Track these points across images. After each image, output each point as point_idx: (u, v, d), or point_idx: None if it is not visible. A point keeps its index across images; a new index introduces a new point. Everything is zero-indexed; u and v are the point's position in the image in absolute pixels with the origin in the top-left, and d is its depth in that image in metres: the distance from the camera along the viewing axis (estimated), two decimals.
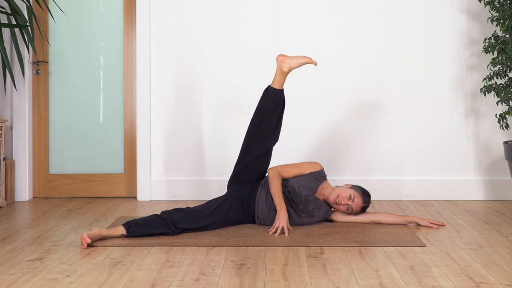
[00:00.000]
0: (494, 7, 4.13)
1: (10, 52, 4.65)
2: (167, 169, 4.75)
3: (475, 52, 4.64)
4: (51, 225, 3.84)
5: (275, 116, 3.71)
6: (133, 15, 4.78)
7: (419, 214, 4.09)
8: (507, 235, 3.49)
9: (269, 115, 3.70)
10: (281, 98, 3.70)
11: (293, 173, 3.80)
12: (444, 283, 2.63)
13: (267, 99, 3.69)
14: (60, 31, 4.83)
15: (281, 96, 3.70)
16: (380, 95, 4.69)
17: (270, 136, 3.75)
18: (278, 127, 3.77)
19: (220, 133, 4.73)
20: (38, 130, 4.83)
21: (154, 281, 2.68)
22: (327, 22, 4.68)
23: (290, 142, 4.68)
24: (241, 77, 4.71)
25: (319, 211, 3.75)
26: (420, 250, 3.16)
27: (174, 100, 4.73)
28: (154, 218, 3.49)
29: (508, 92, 4.10)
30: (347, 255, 3.09)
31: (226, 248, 3.24)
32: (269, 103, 3.69)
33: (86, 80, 4.85)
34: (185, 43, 4.71)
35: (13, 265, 2.93)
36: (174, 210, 3.57)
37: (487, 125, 4.66)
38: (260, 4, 4.69)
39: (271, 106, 3.69)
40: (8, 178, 4.58)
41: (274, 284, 2.63)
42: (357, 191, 3.74)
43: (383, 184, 4.66)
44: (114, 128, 4.85)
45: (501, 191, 4.63)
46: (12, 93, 4.71)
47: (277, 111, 3.70)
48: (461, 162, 4.68)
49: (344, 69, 4.69)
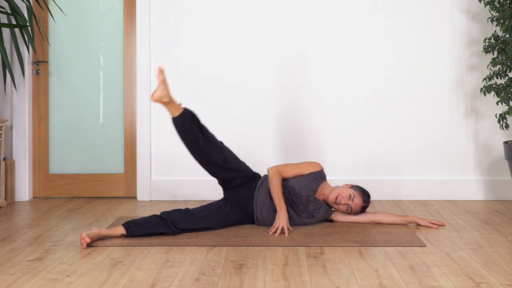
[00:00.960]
0: (494, 7, 4.13)
1: (10, 52, 4.65)
2: (167, 169, 4.75)
3: (475, 52, 4.64)
4: (51, 225, 3.84)
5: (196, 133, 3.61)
6: (133, 15, 4.79)
7: (419, 214, 4.09)
8: (507, 235, 3.49)
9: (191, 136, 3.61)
10: (186, 118, 3.58)
11: (293, 173, 3.80)
12: (444, 283, 2.63)
13: (178, 129, 3.61)
14: (60, 31, 4.83)
15: (184, 117, 3.58)
16: (380, 95, 4.69)
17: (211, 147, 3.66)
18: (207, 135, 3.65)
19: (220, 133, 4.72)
20: (38, 130, 4.83)
21: (154, 281, 2.68)
22: (327, 21, 4.68)
23: (290, 142, 4.68)
24: (241, 77, 4.71)
25: (319, 211, 3.75)
26: (420, 250, 3.16)
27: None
28: (153, 218, 3.49)
29: (508, 92, 4.10)
30: (347, 255, 3.09)
31: (226, 248, 3.24)
32: (182, 130, 3.60)
33: (86, 80, 4.85)
34: (185, 43, 4.71)
35: (13, 265, 2.93)
36: (173, 210, 3.57)
37: (487, 125, 4.66)
38: (260, 4, 4.69)
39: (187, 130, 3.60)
40: (8, 178, 4.58)
41: (274, 284, 2.63)
42: (357, 191, 3.74)
43: (383, 184, 4.66)
44: (114, 128, 4.85)
45: (501, 191, 4.63)
46: (12, 93, 4.71)
47: (193, 129, 3.59)
48: (461, 162, 4.68)
49: (344, 69, 4.68)
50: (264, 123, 4.71)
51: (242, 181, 3.77)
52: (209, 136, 3.68)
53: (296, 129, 4.69)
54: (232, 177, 3.75)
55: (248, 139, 4.70)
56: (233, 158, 3.78)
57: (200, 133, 3.63)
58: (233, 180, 3.76)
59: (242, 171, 3.78)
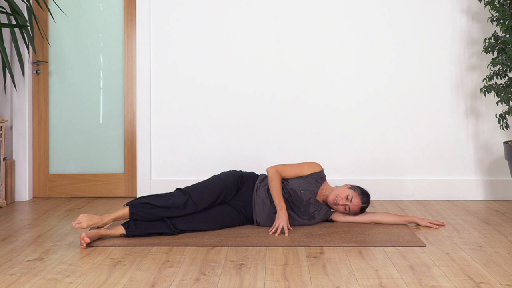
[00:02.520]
0: (494, 7, 4.13)
1: (10, 52, 4.65)
2: (167, 169, 4.75)
3: (475, 52, 4.64)
4: (51, 225, 3.84)
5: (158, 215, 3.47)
6: (133, 15, 4.79)
7: (419, 214, 4.09)
8: (507, 235, 3.49)
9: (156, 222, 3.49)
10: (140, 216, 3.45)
11: (293, 173, 3.79)
12: (444, 283, 2.63)
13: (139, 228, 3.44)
14: (60, 31, 4.83)
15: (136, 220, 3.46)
16: (380, 95, 4.69)
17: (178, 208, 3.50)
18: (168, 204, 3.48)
19: (220, 133, 4.73)
20: (38, 130, 4.83)
21: (154, 281, 2.68)
22: (326, 21, 4.68)
23: (290, 142, 4.69)
24: (240, 79, 4.71)
25: (320, 213, 3.75)
26: (420, 250, 3.16)
27: (174, 100, 4.73)
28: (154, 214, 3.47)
29: (508, 92, 4.10)
30: (347, 255, 3.09)
31: (226, 248, 3.24)
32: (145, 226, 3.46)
33: (86, 80, 4.85)
34: (185, 44, 4.71)
35: (13, 265, 2.93)
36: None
37: (487, 125, 4.66)
38: (261, 7, 4.69)
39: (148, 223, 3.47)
40: (8, 178, 4.58)
41: (274, 284, 2.63)
42: (356, 191, 3.74)
43: (383, 184, 4.66)
44: (114, 128, 4.85)
45: (501, 191, 4.63)
46: (12, 93, 4.71)
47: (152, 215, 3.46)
48: (461, 162, 4.68)
49: (344, 68, 4.69)
50: (265, 124, 4.71)
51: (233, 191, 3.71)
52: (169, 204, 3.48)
53: (296, 129, 4.69)
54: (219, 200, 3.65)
55: (248, 141, 4.70)
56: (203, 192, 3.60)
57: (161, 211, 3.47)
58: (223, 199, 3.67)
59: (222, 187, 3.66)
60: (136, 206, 3.45)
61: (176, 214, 3.52)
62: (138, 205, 3.46)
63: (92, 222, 3.36)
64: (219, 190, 3.65)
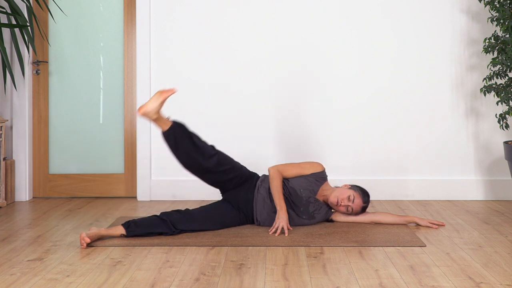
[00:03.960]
0: (494, 7, 4.13)
1: (10, 52, 4.65)
2: (167, 169, 4.74)
3: (475, 52, 4.64)
4: (51, 225, 3.84)
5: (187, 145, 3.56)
6: (133, 15, 4.79)
7: (419, 214, 4.09)
8: (507, 235, 3.49)
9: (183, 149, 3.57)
10: (177, 131, 3.53)
11: (294, 173, 3.79)
12: (444, 283, 2.63)
13: (169, 142, 3.56)
14: (60, 31, 4.83)
15: (175, 131, 3.53)
16: (380, 95, 4.69)
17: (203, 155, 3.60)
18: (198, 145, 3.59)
19: (220, 133, 4.73)
20: (38, 130, 4.83)
21: (154, 281, 2.68)
22: (327, 21, 4.68)
23: (290, 142, 4.69)
24: (241, 79, 4.71)
25: (320, 212, 3.75)
26: (420, 250, 3.16)
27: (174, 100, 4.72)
28: (154, 219, 3.49)
29: (508, 92, 4.10)
30: (347, 255, 3.09)
31: (226, 248, 3.24)
32: (173, 144, 3.56)
33: (86, 80, 4.85)
34: (185, 43, 4.71)
35: (13, 265, 2.93)
36: (173, 211, 3.57)
37: (487, 125, 4.66)
38: (261, 7, 4.69)
39: (177, 144, 3.55)
40: (8, 178, 4.58)
41: (274, 284, 2.63)
42: (357, 191, 3.74)
43: (383, 184, 4.66)
44: (114, 128, 4.85)
45: (501, 191, 4.63)
46: (12, 93, 4.71)
47: (183, 141, 3.55)
48: (461, 162, 4.68)
49: (344, 68, 4.69)
50: (265, 124, 4.71)
51: (239, 181, 3.75)
52: (200, 146, 3.59)
53: (296, 129, 4.69)
54: (228, 178, 3.71)
55: (249, 141, 4.70)
56: (226, 159, 3.71)
57: (191, 144, 3.56)
58: (229, 181, 3.73)
59: (238, 169, 3.75)
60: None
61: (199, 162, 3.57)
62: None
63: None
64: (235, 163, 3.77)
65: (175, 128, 3.54)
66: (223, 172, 3.69)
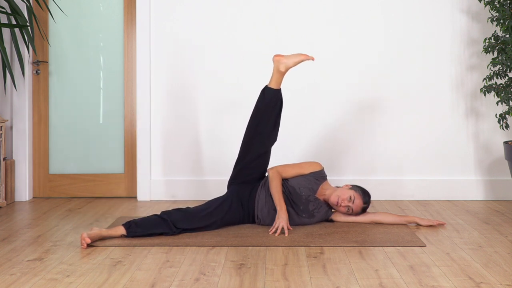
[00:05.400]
0: (494, 7, 4.13)
1: (10, 52, 4.65)
2: (167, 169, 4.75)
3: (475, 52, 4.64)
4: (51, 225, 3.84)
5: (273, 116, 3.71)
6: (133, 15, 4.79)
7: (419, 214, 4.09)
8: (507, 235, 3.49)
9: (267, 115, 3.70)
10: (279, 98, 3.70)
11: (293, 173, 3.80)
12: (444, 283, 2.63)
13: (264, 99, 3.69)
14: (60, 31, 4.83)
15: (278, 96, 3.70)
16: (380, 95, 4.69)
17: (268, 135, 3.75)
18: (276, 127, 3.77)
19: (220, 133, 4.73)
20: (38, 130, 4.83)
21: (154, 281, 2.68)
22: (327, 21, 4.68)
23: (290, 142, 4.69)
24: (241, 78, 4.71)
25: (319, 211, 3.75)
26: (420, 250, 3.16)
27: (174, 100, 4.73)
28: (154, 218, 3.49)
29: (508, 92, 4.10)
30: (347, 255, 3.09)
31: (226, 248, 3.24)
32: (266, 103, 3.69)
33: (86, 80, 4.85)
34: (185, 43, 4.71)
35: (13, 265, 2.93)
36: (174, 210, 3.57)
37: (487, 125, 4.66)
38: (259, 4, 4.69)
39: (268, 106, 3.69)
40: (8, 178, 4.58)
41: (274, 284, 2.63)
42: (357, 192, 3.74)
43: (383, 184, 4.66)
44: (114, 128, 4.85)
45: (501, 191, 4.63)
46: (12, 93, 4.71)
47: (274, 110, 3.70)
48: (461, 162, 4.68)
49: (344, 69, 4.69)
50: None
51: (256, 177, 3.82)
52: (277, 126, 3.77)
53: (296, 129, 4.69)
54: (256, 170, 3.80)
55: None
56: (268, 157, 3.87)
57: (274, 116, 3.72)
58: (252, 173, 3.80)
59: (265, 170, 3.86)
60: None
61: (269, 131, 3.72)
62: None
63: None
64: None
65: (279, 94, 3.70)
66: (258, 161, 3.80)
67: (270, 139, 3.78)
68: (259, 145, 3.76)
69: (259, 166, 3.81)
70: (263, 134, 3.73)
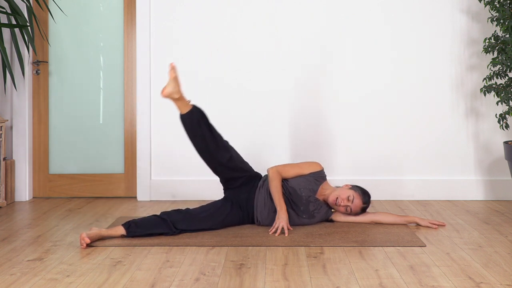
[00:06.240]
0: (494, 7, 4.13)
1: (10, 52, 4.65)
2: (167, 169, 4.75)
3: (475, 52, 4.64)
4: (51, 225, 3.84)
5: (204, 130, 3.61)
6: (133, 15, 4.79)
7: (419, 214, 4.09)
8: (507, 235, 3.49)
9: (199, 134, 3.61)
10: (195, 116, 3.59)
11: (293, 173, 3.80)
12: (444, 283, 2.63)
13: (186, 125, 3.62)
14: (60, 31, 4.83)
15: (193, 116, 3.59)
16: (380, 95, 4.69)
17: (216, 144, 3.66)
18: (214, 133, 3.66)
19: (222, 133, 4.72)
20: (38, 130, 4.83)
21: (154, 281, 2.68)
22: (327, 21, 4.68)
23: (289, 142, 4.69)
24: (241, 77, 4.71)
25: (319, 212, 3.75)
26: (420, 250, 3.16)
27: None
28: (154, 218, 3.49)
29: (508, 92, 4.10)
30: (347, 255, 3.09)
31: (226, 248, 3.24)
32: (190, 128, 3.62)
33: (86, 80, 4.85)
34: (185, 43, 4.71)
35: (13, 265, 2.93)
36: (173, 211, 3.57)
37: (487, 125, 4.66)
38: (259, 4, 4.69)
39: (194, 128, 3.61)
40: (8, 178, 4.58)
41: (274, 284, 2.63)
42: (357, 191, 3.74)
43: (383, 184, 4.66)
44: (114, 128, 4.85)
45: (501, 191, 4.63)
46: (12, 93, 4.71)
47: (201, 126, 3.61)
48: (461, 162, 4.68)
49: (344, 68, 4.69)
50: (264, 124, 4.71)
51: (244, 181, 3.77)
52: (216, 135, 3.67)
53: (296, 129, 4.69)
54: (235, 176, 3.75)
55: (248, 140, 4.70)
56: (238, 158, 3.76)
57: (207, 131, 3.62)
58: (235, 180, 3.76)
59: (245, 171, 3.77)
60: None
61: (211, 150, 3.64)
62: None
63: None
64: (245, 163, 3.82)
65: (194, 112, 3.60)
66: (232, 169, 3.72)
67: (220, 144, 3.68)
68: (219, 157, 3.68)
69: (238, 170, 3.74)
70: (209, 147, 3.65)
